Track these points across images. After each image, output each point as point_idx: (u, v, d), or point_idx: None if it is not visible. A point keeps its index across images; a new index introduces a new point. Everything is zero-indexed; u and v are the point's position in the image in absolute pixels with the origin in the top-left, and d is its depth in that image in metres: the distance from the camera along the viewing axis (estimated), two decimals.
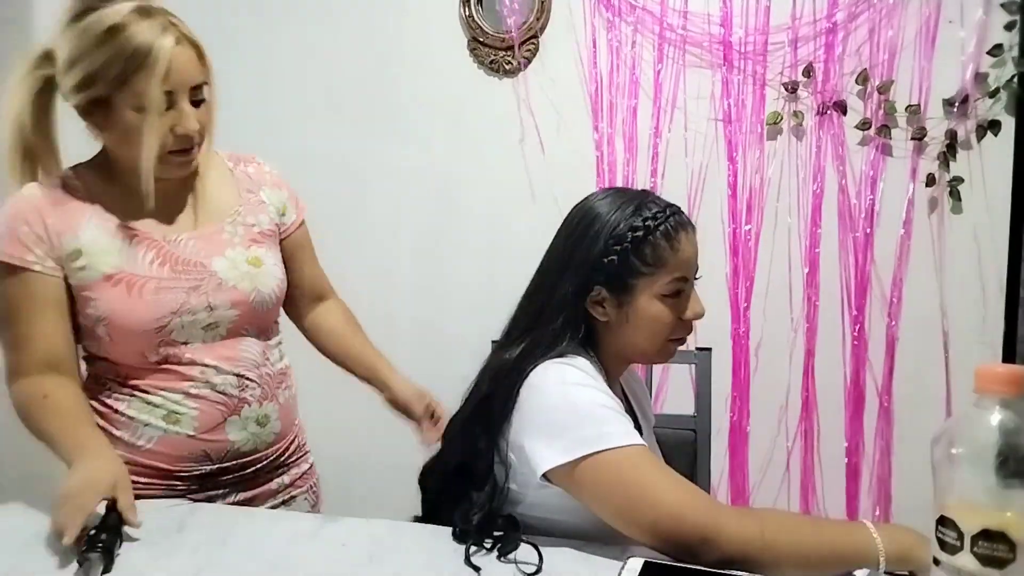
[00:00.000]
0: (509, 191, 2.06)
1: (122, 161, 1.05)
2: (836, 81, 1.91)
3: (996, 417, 0.64)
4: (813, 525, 0.90)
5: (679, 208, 0.98)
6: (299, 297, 1.28)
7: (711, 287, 1.83)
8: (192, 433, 1.07)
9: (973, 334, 1.89)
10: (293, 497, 1.22)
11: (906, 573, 0.83)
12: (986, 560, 0.62)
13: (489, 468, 0.93)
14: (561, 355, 0.94)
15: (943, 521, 0.66)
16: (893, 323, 1.93)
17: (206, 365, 1.08)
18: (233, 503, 1.13)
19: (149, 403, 1.07)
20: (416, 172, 2.09)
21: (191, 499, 1.08)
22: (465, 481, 0.94)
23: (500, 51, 2.02)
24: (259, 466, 1.15)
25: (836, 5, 1.89)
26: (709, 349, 1.49)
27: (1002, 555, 0.62)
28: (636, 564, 0.80)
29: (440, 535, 0.93)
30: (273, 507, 1.18)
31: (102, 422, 1.07)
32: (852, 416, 1.96)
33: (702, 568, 0.79)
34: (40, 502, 1.03)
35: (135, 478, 1.02)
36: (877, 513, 1.96)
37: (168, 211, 1.09)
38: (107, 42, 0.95)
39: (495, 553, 0.88)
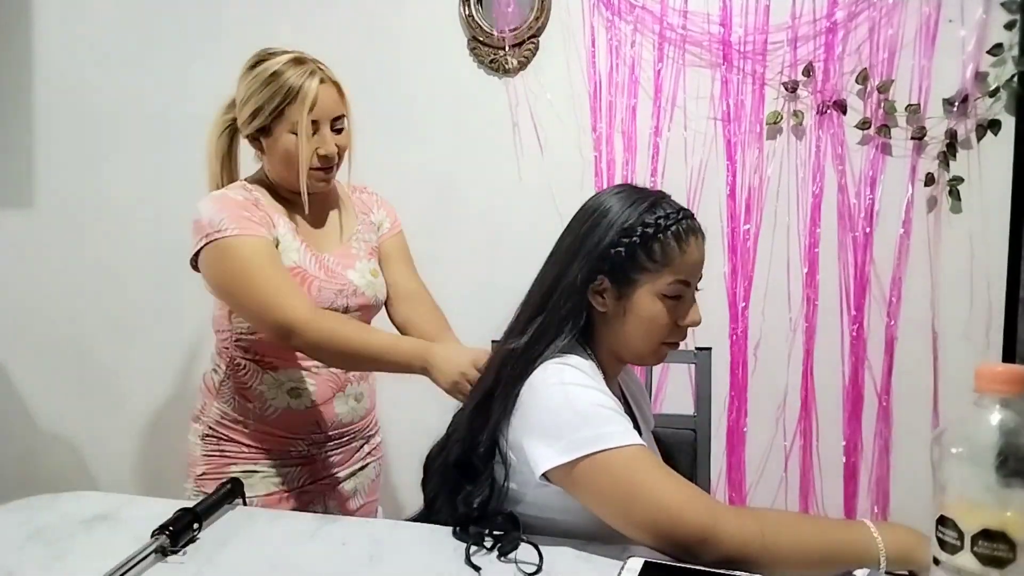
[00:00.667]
0: (508, 190, 2.06)
1: (277, 178, 1.31)
2: (836, 80, 1.90)
3: (996, 417, 0.64)
4: (813, 524, 0.90)
5: (693, 214, 0.99)
6: (392, 296, 1.45)
7: (709, 287, 1.83)
8: (309, 406, 1.32)
9: (972, 334, 1.89)
10: (367, 464, 1.45)
11: (906, 573, 0.83)
12: (986, 560, 0.63)
13: (488, 464, 0.93)
14: (561, 353, 0.94)
15: (943, 521, 0.66)
16: (892, 323, 1.93)
17: None
18: (328, 464, 1.37)
19: (277, 380, 1.31)
20: (415, 171, 2.08)
21: (298, 461, 1.33)
22: (465, 475, 0.95)
23: (500, 51, 2.02)
24: (352, 435, 1.40)
25: (836, 4, 1.88)
26: (709, 349, 1.49)
27: (1002, 555, 0.62)
28: (636, 564, 0.80)
29: (440, 535, 0.93)
30: (352, 472, 1.41)
31: (238, 397, 1.32)
32: (851, 416, 1.96)
33: (702, 568, 0.79)
34: (40, 502, 1.03)
35: (260, 444, 1.32)
36: (876, 512, 1.96)
37: (316, 230, 1.35)
38: (270, 84, 1.23)
39: (495, 553, 0.88)
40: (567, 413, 0.88)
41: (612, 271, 0.95)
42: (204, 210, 1.23)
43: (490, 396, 0.95)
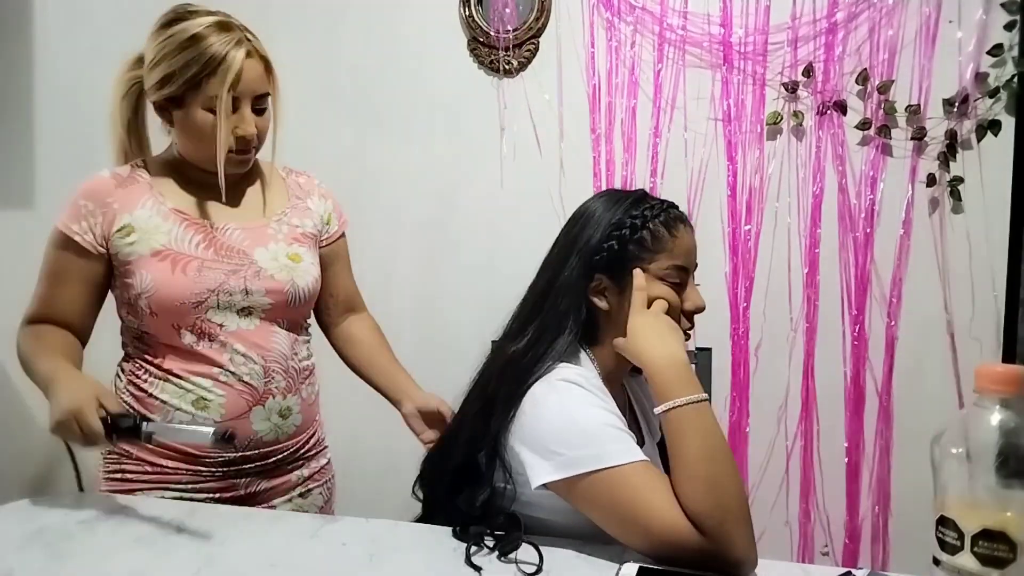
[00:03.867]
0: (508, 191, 2.06)
1: (187, 154, 1.17)
2: (836, 81, 1.90)
3: (996, 417, 0.64)
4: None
5: (676, 205, 1.01)
6: (332, 305, 1.34)
7: (710, 287, 1.82)
8: (219, 419, 1.13)
9: (972, 333, 1.89)
10: (310, 490, 1.27)
11: None
12: (986, 560, 0.63)
13: (490, 467, 0.93)
14: (564, 358, 0.94)
15: (943, 521, 0.66)
16: (893, 323, 1.93)
17: (236, 351, 1.14)
18: (253, 491, 1.19)
19: (181, 388, 1.14)
20: (415, 171, 2.09)
21: (214, 486, 1.16)
22: (464, 477, 0.95)
23: (500, 51, 2.02)
24: (279, 457, 1.21)
25: (836, 5, 1.88)
26: (709, 349, 1.49)
27: (1002, 555, 0.62)
28: (630, 570, 0.80)
29: (440, 535, 0.93)
30: (290, 499, 1.24)
31: (138, 406, 1.15)
32: (852, 416, 1.96)
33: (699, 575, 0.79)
34: (40, 502, 1.03)
35: (166, 462, 1.14)
36: (877, 512, 1.96)
37: (220, 204, 1.20)
38: (187, 48, 1.08)
39: (495, 553, 0.88)
40: (567, 431, 0.88)
41: (608, 267, 0.96)
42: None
43: (492, 400, 0.95)
